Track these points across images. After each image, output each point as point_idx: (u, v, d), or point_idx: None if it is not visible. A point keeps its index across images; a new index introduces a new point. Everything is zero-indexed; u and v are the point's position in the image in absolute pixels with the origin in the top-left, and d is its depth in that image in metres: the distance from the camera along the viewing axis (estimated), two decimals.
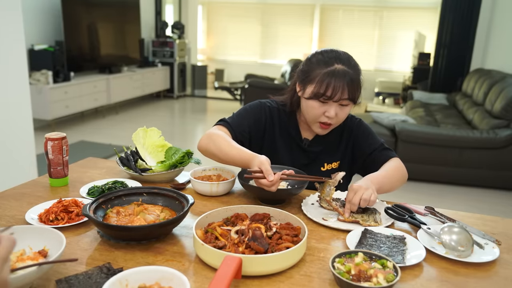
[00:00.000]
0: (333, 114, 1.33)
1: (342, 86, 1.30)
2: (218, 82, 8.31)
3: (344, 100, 1.32)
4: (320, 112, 1.35)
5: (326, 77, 1.30)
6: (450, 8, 6.28)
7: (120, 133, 5.63)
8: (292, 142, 1.49)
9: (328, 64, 1.33)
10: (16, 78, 2.83)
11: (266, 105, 1.51)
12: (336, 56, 1.35)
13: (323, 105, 1.34)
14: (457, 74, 6.39)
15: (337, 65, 1.32)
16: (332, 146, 1.50)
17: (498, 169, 3.92)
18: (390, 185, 1.34)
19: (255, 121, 1.46)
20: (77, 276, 0.84)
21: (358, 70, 1.36)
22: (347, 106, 1.36)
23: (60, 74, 5.47)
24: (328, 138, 1.49)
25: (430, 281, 0.90)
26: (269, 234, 0.97)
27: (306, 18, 9.22)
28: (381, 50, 8.90)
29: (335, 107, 1.34)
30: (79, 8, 5.94)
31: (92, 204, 1.05)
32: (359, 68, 1.37)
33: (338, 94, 1.30)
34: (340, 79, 1.30)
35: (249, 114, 1.47)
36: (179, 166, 1.45)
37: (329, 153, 1.50)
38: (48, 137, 1.34)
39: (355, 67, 1.35)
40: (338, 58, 1.34)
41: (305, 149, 1.49)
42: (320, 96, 1.32)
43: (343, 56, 1.35)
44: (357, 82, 1.33)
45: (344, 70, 1.31)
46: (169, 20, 8.44)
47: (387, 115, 4.63)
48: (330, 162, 1.49)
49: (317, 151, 1.49)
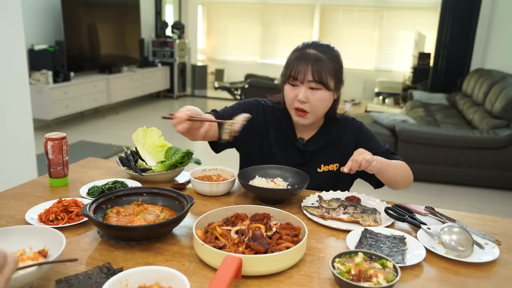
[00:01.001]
0: (302, 97, 1.33)
1: (306, 67, 1.32)
2: (218, 82, 8.31)
3: (311, 82, 1.32)
4: (293, 96, 1.36)
5: (295, 60, 1.35)
6: (450, 8, 6.28)
7: (120, 133, 5.63)
8: (287, 141, 1.49)
9: (300, 50, 1.37)
10: (16, 78, 2.83)
11: (261, 103, 1.52)
12: (313, 44, 1.38)
13: (294, 88, 1.36)
14: (457, 74, 6.39)
15: (309, 50, 1.35)
16: (329, 148, 1.48)
17: (498, 169, 3.92)
18: (393, 175, 1.34)
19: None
20: (77, 276, 0.84)
21: (334, 57, 1.36)
22: (319, 91, 1.34)
23: (60, 74, 5.47)
24: (325, 139, 1.47)
25: (430, 281, 0.90)
26: (269, 234, 0.97)
27: (306, 18, 9.22)
28: (381, 50, 8.89)
29: (304, 90, 1.34)
30: (79, 8, 5.94)
31: (92, 204, 1.05)
32: (338, 58, 1.38)
33: (301, 75, 1.32)
34: (307, 61, 1.32)
35: (240, 107, 1.48)
36: (179, 166, 1.45)
37: (326, 154, 1.47)
38: (48, 137, 1.34)
39: (331, 53, 1.36)
40: (314, 45, 1.37)
41: (300, 149, 1.48)
42: (288, 78, 1.36)
43: (321, 44, 1.37)
44: (328, 67, 1.33)
45: (313, 54, 1.33)
46: (169, 20, 8.44)
47: (387, 115, 4.63)
48: (327, 164, 1.47)
49: (312, 151, 1.47)
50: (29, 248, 0.89)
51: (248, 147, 1.49)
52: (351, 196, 1.31)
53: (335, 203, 1.23)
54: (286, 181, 1.36)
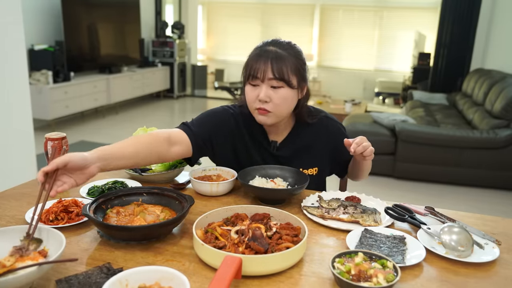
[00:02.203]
0: (263, 96, 1.27)
1: (265, 63, 1.26)
2: (218, 82, 8.31)
3: (272, 80, 1.26)
4: (254, 96, 1.30)
5: (254, 57, 1.30)
6: (450, 8, 6.28)
7: (120, 133, 5.63)
8: (261, 147, 1.43)
9: (260, 47, 1.32)
10: (16, 78, 2.83)
11: (229, 111, 1.43)
12: (272, 41, 1.33)
13: (255, 88, 1.30)
14: (457, 74, 6.39)
15: (269, 47, 1.30)
16: (305, 151, 1.43)
17: (498, 169, 3.92)
18: (367, 167, 1.45)
19: (218, 126, 1.39)
20: (77, 276, 0.84)
21: (295, 54, 1.31)
22: (281, 89, 1.28)
23: (60, 74, 5.47)
24: (299, 141, 1.43)
25: (430, 281, 0.90)
26: (269, 234, 0.97)
27: (306, 18, 9.22)
28: (381, 50, 8.89)
29: (265, 88, 1.27)
30: (79, 8, 5.94)
31: (92, 204, 1.05)
32: (300, 55, 1.32)
33: (261, 72, 1.26)
34: (266, 58, 1.27)
35: (211, 120, 1.40)
36: (179, 166, 1.45)
37: (304, 157, 1.43)
38: (48, 137, 1.34)
39: (292, 50, 1.30)
40: (274, 42, 1.32)
41: (274, 154, 1.43)
42: (248, 78, 1.30)
43: (280, 42, 1.33)
44: (289, 63, 1.27)
45: (273, 50, 1.28)
46: (169, 20, 8.44)
47: (387, 115, 4.63)
48: (306, 168, 1.43)
49: (286, 156, 1.42)
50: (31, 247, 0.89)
51: (227, 157, 1.43)
52: (351, 196, 1.31)
53: (335, 203, 1.23)
54: (286, 181, 1.35)
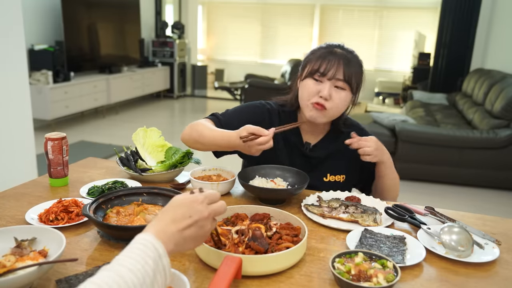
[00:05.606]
0: (326, 93, 1.28)
1: (337, 63, 1.28)
2: (218, 82, 8.31)
3: (339, 81, 1.29)
4: (315, 90, 1.30)
5: (323, 55, 1.31)
6: (450, 8, 6.28)
7: (120, 133, 5.63)
8: (293, 147, 1.43)
9: (327, 48, 1.34)
10: (16, 78, 2.83)
11: (266, 107, 1.44)
12: (339, 45, 1.36)
13: (318, 84, 1.31)
14: (457, 74, 6.39)
15: (337, 49, 1.33)
16: (338, 155, 1.43)
17: (498, 169, 3.92)
18: (390, 181, 1.40)
19: (249, 118, 1.38)
20: (77, 276, 0.84)
21: (359, 63, 1.34)
22: (343, 91, 1.30)
23: (60, 74, 5.46)
24: (332, 147, 1.43)
25: (430, 281, 0.90)
26: (269, 234, 0.97)
27: (306, 18, 9.22)
28: (381, 50, 8.90)
29: (329, 86, 1.29)
30: (79, 8, 5.94)
31: (92, 204, 1.05)
32: (362, 65, 1.36)
33: (332, 70, 1.28)
34: (337, 58, 1.29)
35: (244, 113, 1.42)
36: (179, 166, 1.45)
37: (333, 163, 1.43)
38: (48, 137, 1.34)
39: (357, 59, 1.34)
40: (341, 47, 1.35)
41: (306, 154, 1.42)
42: (314, 73, 1.31)
43: (347, 48, 1.36)
44: (356, 70, 1.31)
45: (343, 53, 1.31)
46: (169, 20, 8.44)
47: (387, 115, 4.63)
48: (334, 174, 1.43)
49: (320, 157, 1.42)
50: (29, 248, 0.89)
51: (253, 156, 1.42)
52: (351, 196, 1.31)
53: (335, 203, 1.23)
54: (286, 181, 1.35)
